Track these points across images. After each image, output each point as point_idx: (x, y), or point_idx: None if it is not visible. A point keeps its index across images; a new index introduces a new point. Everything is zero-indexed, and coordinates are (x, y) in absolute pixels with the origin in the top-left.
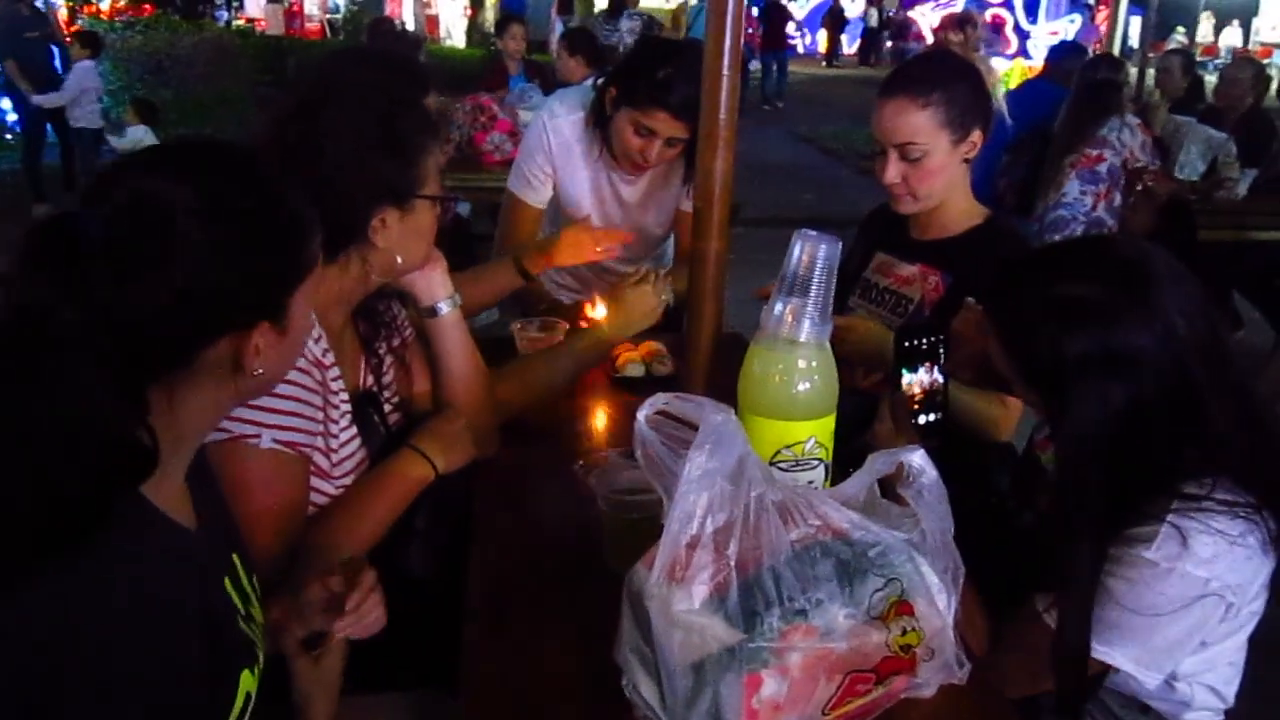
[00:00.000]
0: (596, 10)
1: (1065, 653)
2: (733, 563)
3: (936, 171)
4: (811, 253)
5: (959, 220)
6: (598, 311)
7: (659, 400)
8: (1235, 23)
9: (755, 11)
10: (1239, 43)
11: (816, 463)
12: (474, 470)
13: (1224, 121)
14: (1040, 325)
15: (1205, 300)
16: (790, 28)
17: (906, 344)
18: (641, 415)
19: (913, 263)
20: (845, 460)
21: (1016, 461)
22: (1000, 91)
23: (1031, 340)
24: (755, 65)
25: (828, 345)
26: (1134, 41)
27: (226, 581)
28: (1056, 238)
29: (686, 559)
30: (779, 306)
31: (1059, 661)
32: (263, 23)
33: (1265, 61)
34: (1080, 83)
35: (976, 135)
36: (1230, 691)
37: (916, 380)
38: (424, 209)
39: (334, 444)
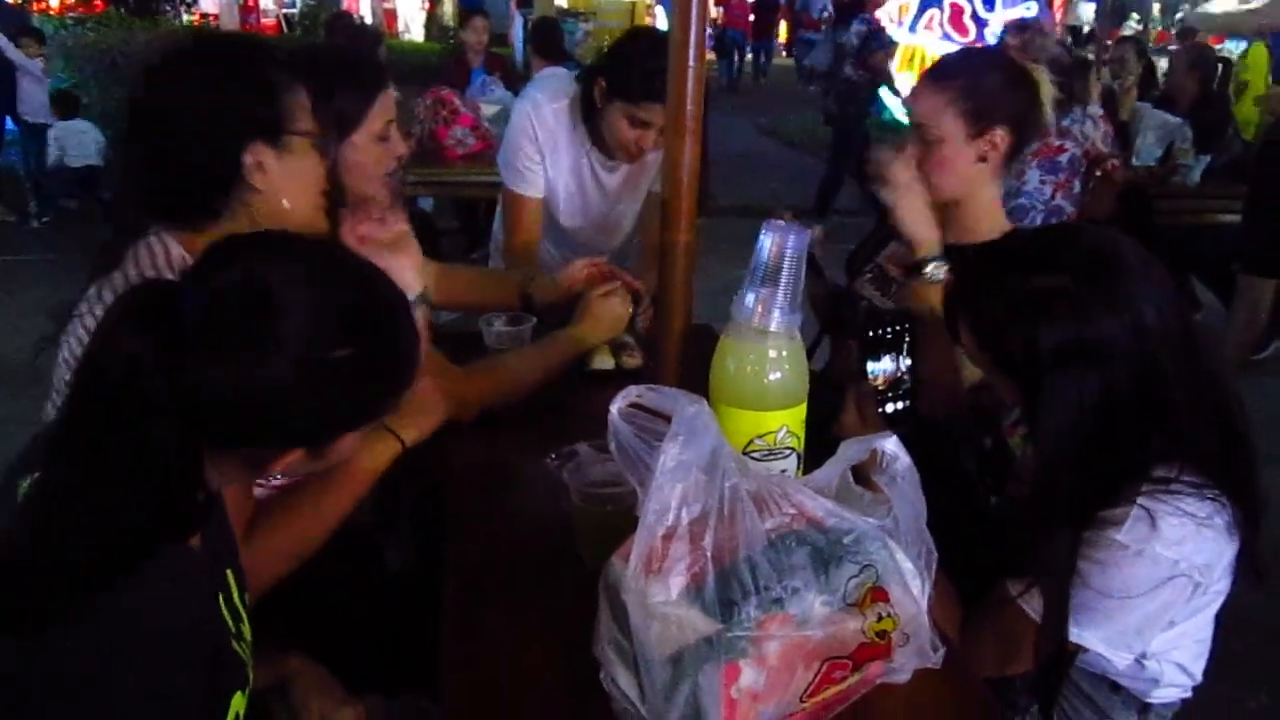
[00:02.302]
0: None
1: (1047, 637)
2: (709, 553)
3: (948, 161)
4: (780, 243)
5: (978, 228)
6: None
7: (631, 393)
8: (1186, 9)
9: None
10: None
11: (789, 452)
12: (445, 464)
13: (1176, 108)
14: (1013, 318)
15: (1174, 289)
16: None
17: (871, 333)
18: (614, 408)
19: None
20: (818, 449)
21: (984, 446)
22: (1049, 105)
23: (1005, 333)
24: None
25: (798, 335)
26: (1088, 29)
27: (220, 599)
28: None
29: (663, 550)
30: (749, 297)
31: (1040, 643)
32: (216, 18)
33: (1218, 48)
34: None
35: (1000, 136)
36: (1198, 668)
37: (881, 369)
38: (303, 150)
39: None
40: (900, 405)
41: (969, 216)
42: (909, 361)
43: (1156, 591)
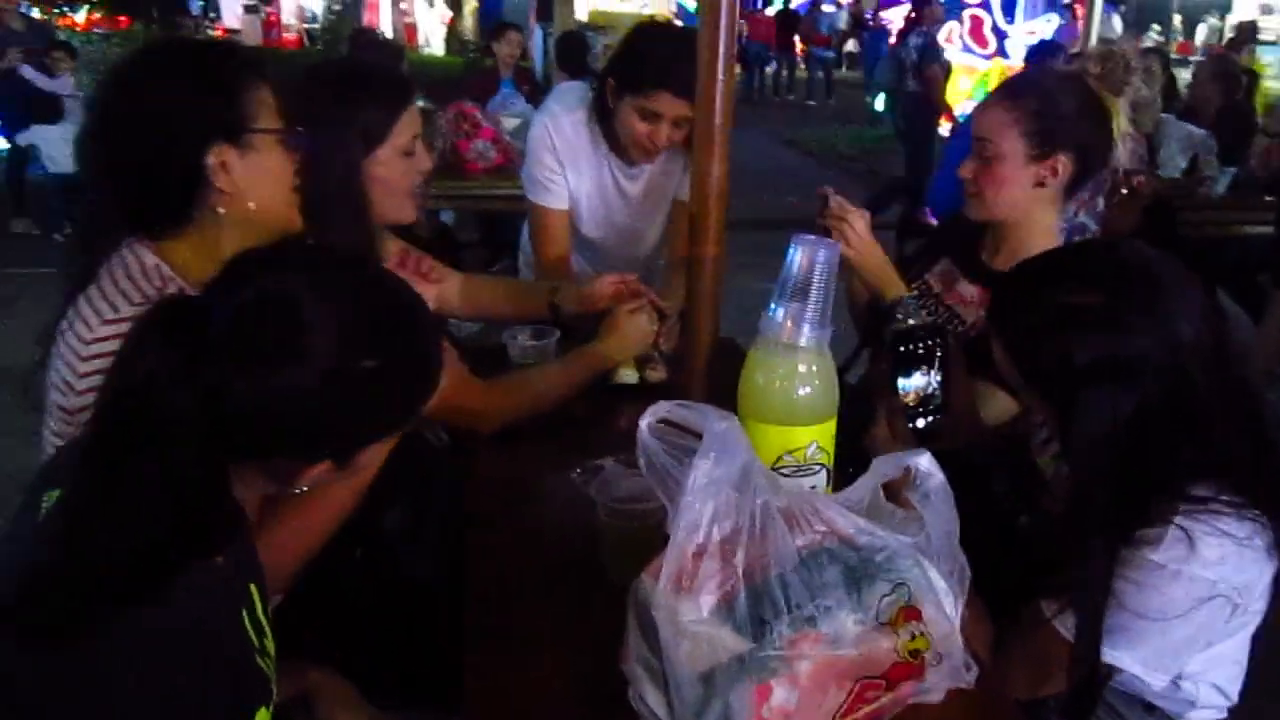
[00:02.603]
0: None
1: (1080, 657)
2: (740, 571)
3: (1004, 180)
4: (810, 257)
5: (1030, 253)
6: None
7: (661, 409)
8: (1209, 19)
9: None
10: (1214, 40)
11: (818, 468)
12: (467, 476)
13: (1200, 119)
14: (1048, 334)
15: (1210, 305)
16: None
17: (902, 349)
18: (644, 424)
19: (975, 283)
20: (846, 464)
21: (1013, 465)
22: (1123, 138)
23: (1038, 348)
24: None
25: (828, 350)
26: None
27: (244, 614)
28: None
29: (693, 568)
30: (778, 312)
31: (1073, 664)
32: (240, 33)
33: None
34: None
35: (1062, 163)
36: (1234, 689)
37: (913, 385)
38: (269, 148)
39: None
40: (931, 420)
41: (1021, 241)
42: (940, 377)
43: (1194, 612)
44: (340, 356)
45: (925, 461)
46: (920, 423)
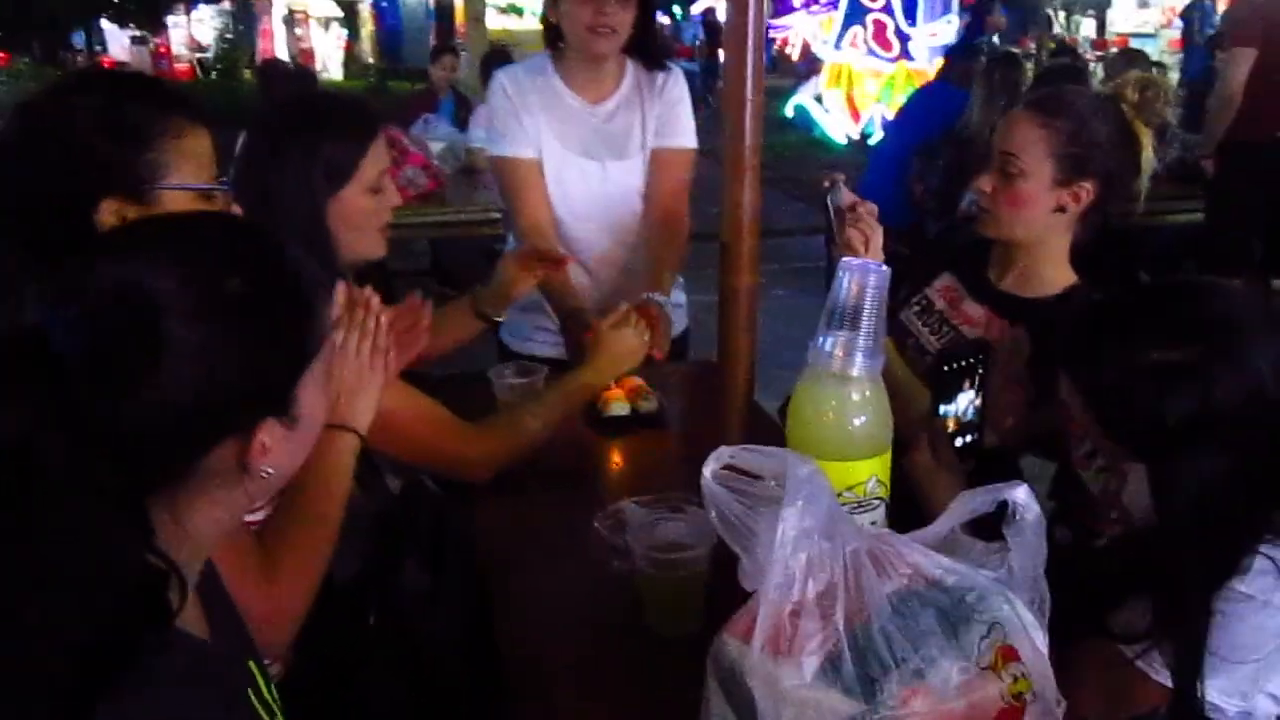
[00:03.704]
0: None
1: (1181, 700)
2: (841, 628)
3: (1026, 200)
4: (860, 283)
5: (1043, 275)
6: None
7: (724, 454)
8: (1090, 14)
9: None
10: (1094, 34)
11: (878, 502)
12: (470, 529)
13: None
14: (1136, 391)
15: None
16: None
17: (946, 369)
18: (708, 472)
19: (980, 303)
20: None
21: (1055, 478)
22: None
23: (1128, 406)
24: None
25: (881, 379)
26: (996, 39)
27: (250, 695)
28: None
29: (791, 628)
30: (827, 341)
31: (1174, 707)
32: (128, 64)
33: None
34: (988, 84)
35: (1086, 190)
36: None
37: (954, 410)
38: (180, 206)
39: None
40: (970, 438)
41: (1034, 263)
42: (981, 395)
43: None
44: (200, 312)
45: (1022, 494)
46: (958, 441)
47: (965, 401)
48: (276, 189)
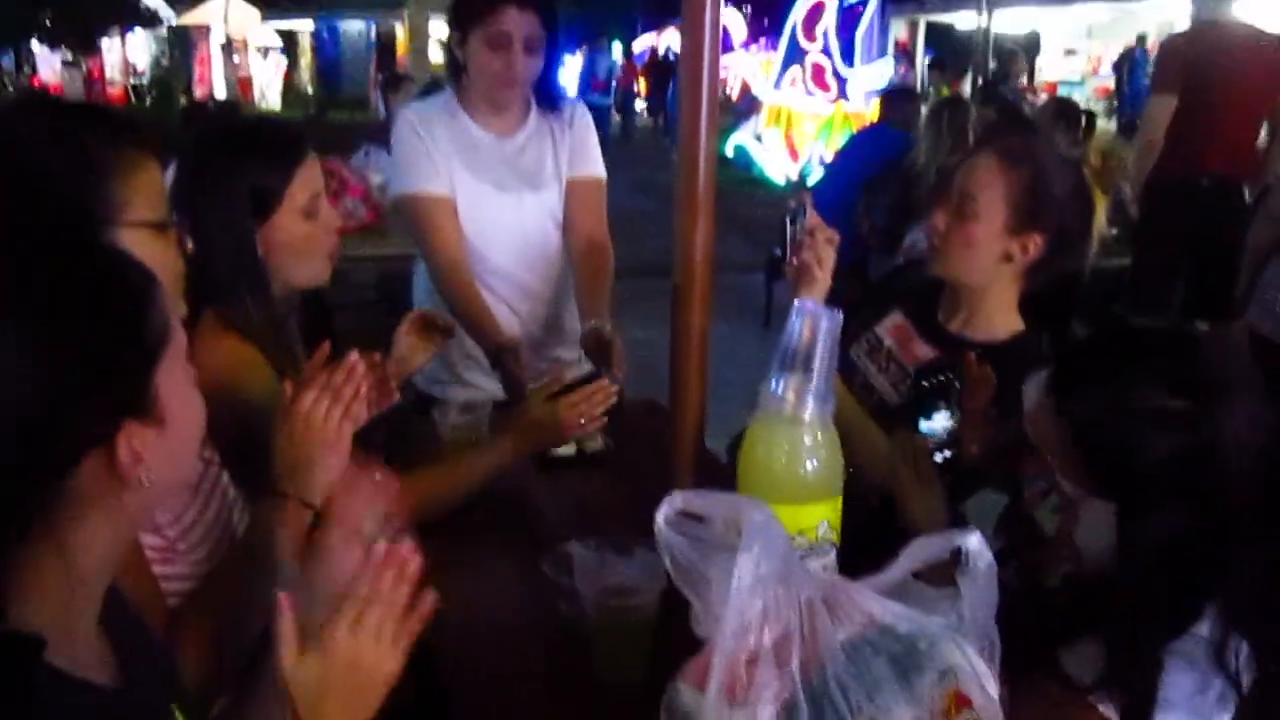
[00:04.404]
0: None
1: None
2: (797, 676)
3: (975, 241)
4: (813, 326)
5: (990, 322)
6: None
7: (677, 500)
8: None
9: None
10: (1025, 81)
11: (830, 547)
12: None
13: None
14: (1129, 432)
15: (1267, 399)
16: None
17: (925, 383)
18: (661, 518)
19: (930, 344)
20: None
21: (1003, 515)
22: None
23: (1116, 444)
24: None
25: (831, 422)
26: (927, 83)
27: None
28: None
29: (747, 676)
30: (779, 384)
31: None
32: (57, 87)
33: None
34: (936, 126)
35: (1035, 243)
36: None
37: (936, 425)
38: (141, 242)
39: (163, 518)
40: (948, 454)
41: (982, 307)
42: (955, 414)
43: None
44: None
45: (975, 541)
46: (938, 457)
47: (941, 419)
48: (204, 218)
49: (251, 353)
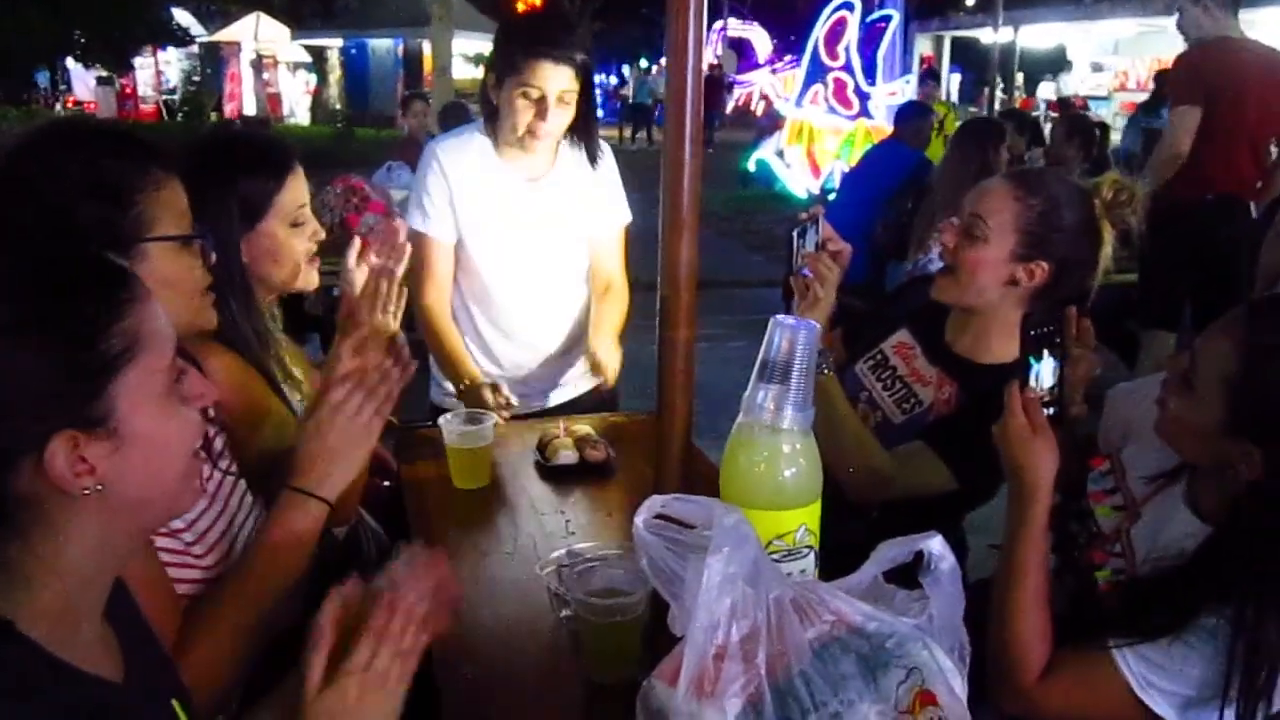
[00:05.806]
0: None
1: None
2: (763, 671)
3: (982, 264)
4: (791, 339)
5: (990, 345)
6: None
7: (655, 504)
8: (1049, 77)
9: None
10: (1053, 95)
11: (807, 551)
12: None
13: (1066, 172)
14: None
15: None
16: None
17: (1033, 332)
18: (640, 520)
19: (934, 364)
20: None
21: (1057, 509)
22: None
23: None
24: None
25: (811, 430)
26: (954, 97)
27: None
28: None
29: (715, 671)
30: (759, 394)
31: None
32: (94, 105)
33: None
34: (960, 147)
35: (1041, 270)
36: None
37: (1040, 371)
38: (166, 257)
39: (178, 522)
40: (1053, 410)
41: (988, 331)
42: (1061, 367)
43: None
44: None
45: (937, 544)
46: (1046, 411)
47: (1049, 369)
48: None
49: (235, 359)
